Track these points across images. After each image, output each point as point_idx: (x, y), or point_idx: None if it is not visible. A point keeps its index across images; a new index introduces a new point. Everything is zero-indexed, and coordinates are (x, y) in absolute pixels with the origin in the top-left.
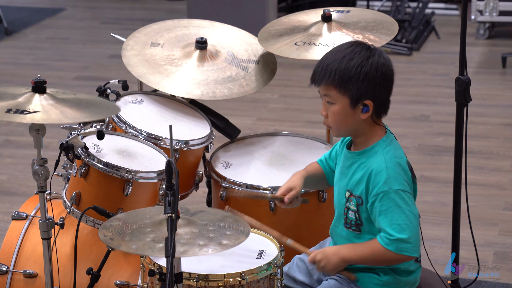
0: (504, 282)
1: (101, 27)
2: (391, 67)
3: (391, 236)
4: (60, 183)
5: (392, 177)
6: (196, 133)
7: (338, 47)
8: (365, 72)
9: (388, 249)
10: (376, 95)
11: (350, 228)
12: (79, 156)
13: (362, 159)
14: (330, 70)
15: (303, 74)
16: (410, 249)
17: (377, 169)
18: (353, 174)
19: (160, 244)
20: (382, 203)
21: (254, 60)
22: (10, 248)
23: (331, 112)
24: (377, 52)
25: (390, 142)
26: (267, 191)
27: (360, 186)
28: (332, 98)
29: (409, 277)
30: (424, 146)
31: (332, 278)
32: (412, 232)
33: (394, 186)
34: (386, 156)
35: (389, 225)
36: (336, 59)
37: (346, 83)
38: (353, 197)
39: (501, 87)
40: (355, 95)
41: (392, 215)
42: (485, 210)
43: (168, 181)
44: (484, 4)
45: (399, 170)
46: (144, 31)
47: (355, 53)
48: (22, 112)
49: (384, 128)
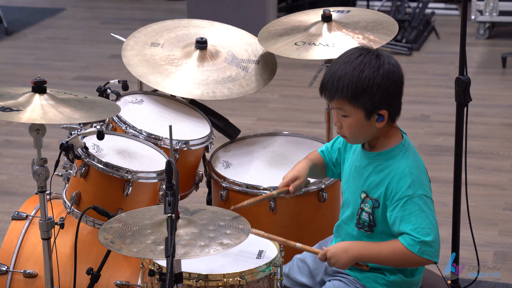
0: (504, 282)
1: (101, 27)
2: (401, 71)
3: (416, 238)
4: (60, 183)
5: (416, 182)
6: (196, 133)
7: (346, 57)
8: (378, 83)
9: (411, 250)
10: (390, 104)
11: (362, 228)
12: (79, 156)
13: (380, 161)
14: (342, 85)
15: (303, 74)
16: (432, 253)
17: (400, 174)
18: (369, 176)
19: (161, 246)
20: (406, 208)
21: (254, 60)
22: (10, 248)
23: (346, 124)
24: (385, 59)
25: (408, 147)
26: (267, 191)
27: (378, 189)
28: (346, 112)
29: (414, 277)
30: (424, 146)
31: (336, 279)
32: (435, 237)
33: (418, 191)
34: (408, 161)
35: (413, 229)
36: (347, 72)
37: (359, 96)
38: (369, 199)
39: (501, 87)
40: (369, 108)
41: (416, 219)
42: (485, 210)
43: (168, 181)
44: (484, 4)
45: (422, 177)
46: (144, 31)
47: (365, 64)
48: (11, 110)
49: (399, 130)
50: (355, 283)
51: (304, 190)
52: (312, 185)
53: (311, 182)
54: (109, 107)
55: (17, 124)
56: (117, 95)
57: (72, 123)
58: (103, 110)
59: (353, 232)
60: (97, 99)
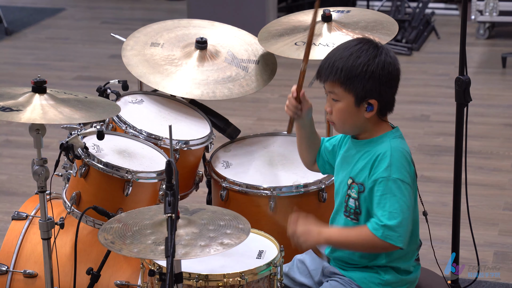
0: (504, 282)
1: (101, 27)
2: (398, 66)
3: (380, 222)
4: (60, 183)
5: (394, 165)
6: (196, 133)
7: (346, 43)
8: (371, 71)
9: (374, 234)
10: (381, 94)
11: (348, 216)
12: (79, 156)
13: (368, 148)
14: (337, 68)
15: None
16: (395, 238)
17: (382, 156)
18: (357, 162)
19: (161, 247)
20: (379, 189)
21: (254, 60)
22: (10, 248)
23: (336, 109)
24: (384, 50)
25: (399, 136)
26: (267, 191)
27: (363, 173)
28: (337, 96)
29: (409, 276)
30: (424, 146)
31: (333, 280)
32: (401, 222)
33: (393, 175)
34: (393, 144)
35: (381, 211)
36: (343, 57)
37: (351, 81)
38: (355, 184)
39: (501, 87)
40: (360, 94)
41: (385, 201)
42: (485, 210)
43: (168, 181)
44: (484, 4)
45: (403, 161)
46: (144, 31)
47: (362, 51)
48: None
49: (390, 124)
50: (351, 284)
51: (304, 190)
52: (312, 185)
53: (311, 182)
54: (109, 107)
55: (17, 124)
56: (117, 95)
57: (72, 123)
58: (103, 110)
59: (341, 221)
60: (97, 99)
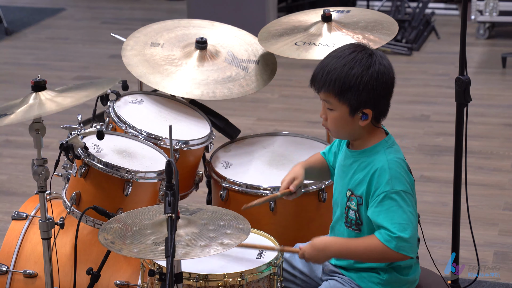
0: (504, 282)
1: (101, 27)
2: (392, 74)
3: (393, 234)
4: (60, 183)
5: (394, 178)
6: (196, 133)
7: (340, 52)
8: (365, 82)
9: (387, 245)
10: (376, 104)
11: (350, 227)
12: (79, 156)
13: (363, 158)
14: (330, 79)
15: (303, 74)
16: (409, 249)
17: (380, 170)
18: (354, 173)
19: (161, 247)
20: (384, 203)
21: (254, 60)
22: (10, 248)
23: (330, 117)
24: (378, 59)
25: (391, 144)
26: (267, 191)
27: (361, 186)
28: (332, 105)
29: (409, 276)
30: (424, 146)
31: (333, 279)
32: (412, 232)
33: (396, 187)
34: (389, 156)
35: (390, 224)
36: (337, 67)
37: (345, 92)
38: (354, 197)
39: (501, 87)
40: (354, 105)
41: (393, 214)
42: (485, 210)
43: (168, 181)
44: (484, 4)
45: (402, 172)
46: (144, 31)
47: (356, 61)
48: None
49: (383, 130)
50: (351, 283)
51: (304, 190)
52: (312, 185)
53: (311, 182)
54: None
55: (17, 124)
56: (117, 95)
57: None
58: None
59: (344, 232)
60: (94, 80)
